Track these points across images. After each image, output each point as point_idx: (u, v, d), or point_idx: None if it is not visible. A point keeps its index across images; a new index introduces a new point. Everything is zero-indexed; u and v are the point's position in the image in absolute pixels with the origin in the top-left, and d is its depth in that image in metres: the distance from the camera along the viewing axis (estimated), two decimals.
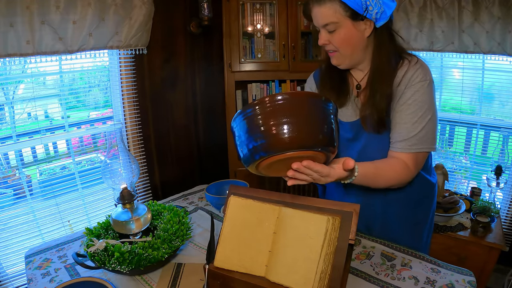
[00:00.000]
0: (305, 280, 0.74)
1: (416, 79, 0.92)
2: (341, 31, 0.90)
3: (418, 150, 0.94)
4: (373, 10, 0.88)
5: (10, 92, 1.91)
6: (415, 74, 0.92)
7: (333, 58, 0.97)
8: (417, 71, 0.93)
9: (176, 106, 2.24)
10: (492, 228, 1.77)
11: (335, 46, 0.93)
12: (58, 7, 1.53)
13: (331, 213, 0.79)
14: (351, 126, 1.05)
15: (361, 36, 0.93)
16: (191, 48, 2.24)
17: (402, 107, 0.94)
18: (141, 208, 1.05)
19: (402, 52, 0.98)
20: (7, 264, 1.69)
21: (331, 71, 1.06)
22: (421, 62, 0.95)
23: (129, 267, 0.91)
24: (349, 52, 0.94)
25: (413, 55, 0.98)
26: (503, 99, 2.16)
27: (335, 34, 0.91)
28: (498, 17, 1.86)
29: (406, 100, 0.93)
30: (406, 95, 0.93)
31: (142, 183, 2.14)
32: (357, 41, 0.93)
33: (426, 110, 0.92)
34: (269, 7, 2.26)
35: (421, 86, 0.92)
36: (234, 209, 0.88)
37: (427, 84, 0.92)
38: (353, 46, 0.93)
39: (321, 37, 0.93)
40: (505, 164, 2.05)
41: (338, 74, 1.06)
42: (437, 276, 0.93)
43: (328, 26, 0.90)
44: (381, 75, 0.94)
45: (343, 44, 0.92)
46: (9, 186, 1.76)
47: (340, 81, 1.06)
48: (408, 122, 0.93)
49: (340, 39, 0.91)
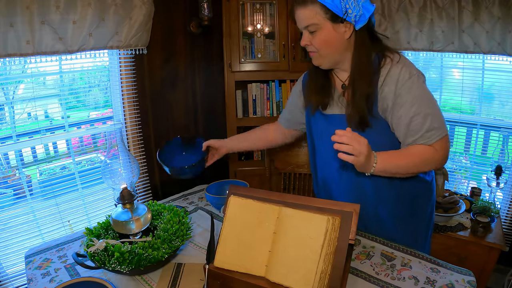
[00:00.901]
0: (305, 280, 0.74)
1: (405, 77, 0.94)
2: (321, 32, 0.95)
3: (436, 138, 0.96)
4: (352, 13, 0.93)
5: (10, 92, 1.91)
6: (401, 73, 0.94)
7: (313, 58, 1.03)
8: (402, 70, 0.95)
9: (176, 106, 2.24)
10: (492, 228, 1.77)
11: (316, 47, 0.98)
12: (58, 7, 1.53)
13: (331, 213, 0.79)
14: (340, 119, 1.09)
15: (340, 38, 0.97)
16: (191, 48, 2.23)
17: (404, 107, 0.95)
18: (141, 208, 1.05)
19: (385, 51, 1.00)
20: (7, 264, 1.69)
21: (316, 73, 1.11)
22: (404, 60, 0.98)
23: (129, 267, 0.91)
24: (328, 53, 0.99)
25: (396, 52, 1.00)
26: (503, 99, 2.16)
27: (316, 36, 0.96)
28: (498, 17, 1.86)
29: (405, 100, 0.95)
30: (402, 97, 0.95)
31: (142, 183, 2.14)
32: (337, 43, 0.97)
33: (427, 100, 0.96)
34: (269, 7, 2.26)
35: (412, 82, 0.94)
36: (234, 209, 0.88)
37: (416, 79, 0.95)
38: (333, 47, 0.98)
39: (303, 38, 0.98)
40: (505, 164, 2.05)
41: (323, 76, 1.11)
42: (437, 276, 0.93)
43: (309, 27, 0.95)
44: (361, 75, 0.98)
45: (323, 45, 0.97)
46: (9, 186, 1.76)
47: (324, 82, 1.12)
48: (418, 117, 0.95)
49: (321, 40, 0.96)
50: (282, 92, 2.36)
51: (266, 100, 2.38)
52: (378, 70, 0.97)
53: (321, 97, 1.12)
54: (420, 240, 1.14)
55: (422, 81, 0.96)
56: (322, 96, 1.12)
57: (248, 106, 2.37)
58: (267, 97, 2.37)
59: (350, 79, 1.02)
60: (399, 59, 0.97)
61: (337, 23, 0.94)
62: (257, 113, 2.39)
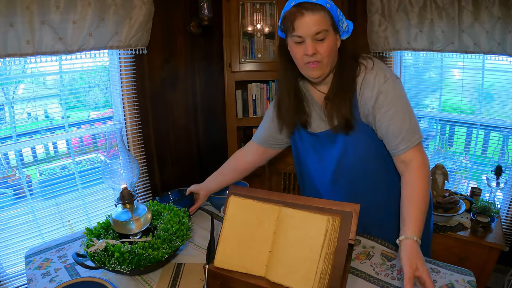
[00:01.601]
0: (305, 280, 0.74)
1: (380, 81, 0.95)
2: (329, 39, 0.94)
3: (418, 140, 0.97)
4: (343, 24, 0.96)
5: (10, 92, 1.91)
6: (376, 79, 0.96)
7: (315, 70, 0.97)
8: (377, 75, 0.96)
9: (176, 106, 2.24)
10: (492, 228, 1.77)
11: (322, 55, 0.94)
12: (58, 7, 1.53)
13: (331, 213, 0.79)
14: (326, 135, 1.09)
15: (337, 47, 0.98)
16: (191, 48, 2.23)
17: (382, 110, 0.96)
18: (141, 208, 1.05)
19: (359, 58, 1.01)
20: (7, 264, 1.69)
21: (288, 91, 1.08)
22: (377, 65, 0.99)
23: (129, 267, 0.91)
24: (330, 62, 0.97)
25: (369, 58, 1.01)
26: (503, 99, 2.16)
27: (324, 43, 0.93)
28: (498, 17, 1.86)
29: (382, 104, 0.96)
30: (379, 101, 0.96)
31: (142, 183, 2.14)
32: (336, 52, 0.98)
33: (404, 103, 0.97)
34: (269, 7, 2.26)
35: (387, 86, 0.95)
36: (234, 209, 0.88)
37: (392, 82, 0.96)
38: (333, 56, 0.97)
39: (310, 47, 0.92)
40: (505, 164, 2.04)
41: (296, 93, 1.09)
42: (437, 276, 0.93)
43: (318, 35, 0.92)
44: (344, 83, 0.99)
45: (330, 53, 0.95)
46: (9, 186, 1.76)
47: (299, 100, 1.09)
48: (395, 120, 0.96)
49: (328, 48, 0.94)
50: None
51: (266, 100, 2.38)
52: (354, 80, 0.99)
53: (298, 113, 1.10)
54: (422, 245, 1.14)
55: (397, 84, 0.97)
56: (299, 113, 1.10)
57: (248, 106, 2.37)
58: (267, 97, 2.37)
59: (334, 88, 1.02)
60: (372, 65, 0.98)
61: (336, 32, 0.95)
62: (257, 113, 2.39)
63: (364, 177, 1.09)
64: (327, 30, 0.92)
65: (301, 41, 0.94)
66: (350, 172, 1.09)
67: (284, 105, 1.10)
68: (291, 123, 1.13)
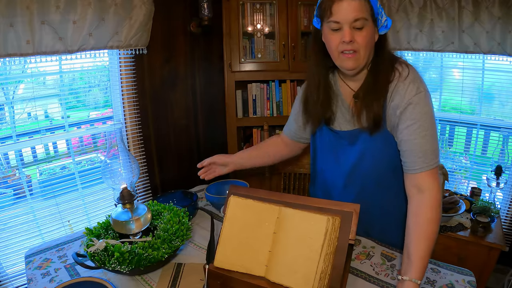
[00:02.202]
0: (305, 280, 0.74)
1: (412, 93, 0.91)
2: (367, 29, 0.89)
3: (436, 164, 0.91)
4: (382, 18, 0.91)
5: (10, 92, 1.91)
6: (408, 89, 0.91)
7: (350, 60, 0.92)
8: (409, 87, 0.91)
9: (176, 106, 2.24)
10: (492, 228, 1.77)
11: (359, 44, 0.89)
12: (58, 7, 1.53)
13: (331, 213, 0.79)
14: (348, 135, 1.06)
15: (374, 40, 0.93)
16: (191, 48, 2.23)
17: (406, 123, 0.92)
18: (141, 208, 1.05)
19: (395, 62, 0.97)
20: (7, 264, 1.69)
21: (319, 82, 1.04)
22: (412, 75, 0.93)
23: (129, 267, 0.91)
24: (366, 54, 0.92)
25: (405, 64, 0.96)
26: (503, 99, 2.16)
27: (362, 32, 0.89)
28: (498, 17, 1.86)
29: (409, 116, 0.91)
30: (406, 112, 0.91)
31: (142, 183, 2.14)
32: (373, 43, 0.93)
33: (431, 122, 0.92)
34: (269, 7, 2.26)
35: (418, 98, 0.91)
36: (234, 209, 0.88)
37: (424, 96, 0.91)
38: (370, 48, 0.92)
39: (347, 34, 0.88)
40: (505, 164, 2.05)
41: (327, 86, 1.05)
42: (437, 276, 0.93)
43: (357, 22, 0.87)
44: (379, 82, 0.95)
45: (367, 43, 0.90)
46: (9, 186, 1.76)
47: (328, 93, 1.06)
48: (417, 137, 0.91)
49: (366, 38, 0.89)
50: (282, 92, 2.36)
51: (266, 100, 2.38)
52: (388, 82, 0.94)
53: (323, 110, 1.06)
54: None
55: (428, 99, 0.92)
56: (325, 110, 1.06)
57: (248, 106, 2.37)
58: (267, 97, 2.37)
59: (365, 86, 0.98)
60: (407, 73, 0.93)
61: (374, 24, 0.91)
62: (257, 113, 2.39)
63: (376, 185, 1.07)
64: (366, 19, 0.87)
65: (338, 28, 0.89)
66: (364, 178, 1.07)
67: (312, 98, 1.07)
68: (317, 118, 1.09)
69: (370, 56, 0.95)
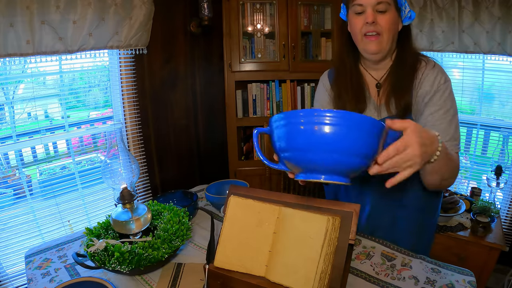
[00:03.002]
0: (305, 280, 0.74)
1: (441, 81, 0.94)
2: (390, 13, 0.91)
3: (456, 150, 0.93)
4: (406, 9, 0.94)
5: (10, 92, 1.91)
6: (437, 77, 0.95)
7: (373, 43, 0.94)
8: (438, 74, 0.95)
9: (176, 106, 2.24)
10: (492, 228, 1.77)
11: (382, 27, 0.91)
12: (58, 7, 1.53)
13: (331, 213, 0.79)
14: None
15: (397, 28, 0.95)
16: (191, 48, 2.24)
17: (434, 108, 0.94)
18: (141, 208, 1.05)
19: (418, 55, 1.00)
20: (7, 264, 1.69)
21: (350, 71, 1.04)
22: (438, 65, 0.98)
23: (129, 267, 0.91)
24: (389, 39, 0.94)
25: (428, 57, 1.00)
26: (503, 99, 2.16)
27: (385, 16, 0.91)
28: (498, 17, 1.86)
29: (436, 102, 0.94)
30: (435, 98, 0.94)
31: (142, 183, 2.14)
32: (395, 31, 0.95)
33: (454, 109, 0.95)
34: (269, 7, 2.26)
35: (446, 87, 0.94)
36: (234, 209, 0.88)
37: (450, 86, 0.95)
38: (393, 33, 0.94)
39: (369, 15, 0.90)
40: (505, 164, 2.05)
41: (356, 75, 1.05)
42: (437, 276, 0.93)
43: (380, 5, 0.90)
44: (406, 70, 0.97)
45: (389, 27, 0.92)
46: (9, 186, 1.76)
47: (359, 82, 1.05)
48: (443, 121, 0.93)
49: (389, 21, 0.91)
50: (282, 92, 2.36)
51: (266, 100, 2.38)
52: (415, 70, 0.97)
53: (357, 100, 1.03)
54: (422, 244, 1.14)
55: (451, 88, 0.96)
56: (359, 100, 1.03)
57: (248, 106, 2.37)
58: (267, 97, 2.37)
59: (391, 75, 0.99)
60: (434, 64, 0.97)
61: (397, 12, 0.93)
62: (257, 113, 2.39)
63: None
64: (389, 4, 0.90)
65: (362, 11, 0.92)
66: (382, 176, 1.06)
67: (345, 89, 1.04)
68: (351, 109, 1.04)
69: (393, 44, 0.97)
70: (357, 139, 0.57)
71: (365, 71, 1.06)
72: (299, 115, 0.58)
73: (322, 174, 0.61)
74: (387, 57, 1.00)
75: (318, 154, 0.58)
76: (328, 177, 0.61)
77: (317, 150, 0.58)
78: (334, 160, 0.58)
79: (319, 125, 0.56)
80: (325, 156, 0.58)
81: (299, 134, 0.59)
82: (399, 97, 0.97)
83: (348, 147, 0.57)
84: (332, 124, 0.56)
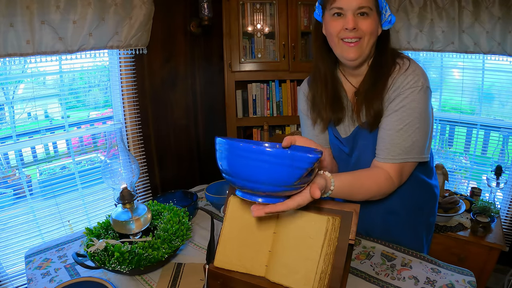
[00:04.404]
0: (305, 280, 0.74)
1: (406, 85, 0.87)
2: (371, 18, 0.86)
3: (402, 160, 0.89)
4: (386, 12, 0.89)
5: (10, 92, 1.91)
6: (405, 81, 0.88)
7: (353, 49, 0.88)
8: (407, 78, 0.88)
9: (176, 106, 2.24)
10: (492, 228, 1.77)
11: (363, 31, 0.86)
12: (58, 7, 1.53)
13: (331, 213, 0.79)
14: (347, 141, 1.04)
15: (377, 31, 0.90)
16: (191, 48, 2.24)
17: (388, 113, 0.90)
18: (141, 208, 1.05)
19: (396, 57, 0.94)
20: (7, 264, 1.69)
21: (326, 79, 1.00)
22: (413, 68, 0.89)
23: (129, 267, 0.91)
24: (369, 44, 0.89)
25: (407, 58, 0.93)
26: (503, 99, 2.16)
27: (366, 20, 0.86)
28: (498, 17, 1.86)
29: (393, 107, 0.89)
30: (394, 102, 0.89)
31: (142, 183, 2.14)
32: (375, 36, 0.90)
33: (415, 119, 0.87)
34: (269, 7, 2.26)
35: (411, 93, 0.86)
36: (234, 209, 0.88)
37: (418, 91, 0.86)
38: (373, 38, 0.89)
39: (350, 20, 0.85)
40: (505, 164, 2.05)
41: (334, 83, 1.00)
42: (437, 276, 0.93)
43: (362, 9, 0.85)
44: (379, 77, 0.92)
45: (371, 32, 0.87)
46: (9, 186, 1.76)
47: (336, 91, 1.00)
48: (392, 129, 0.89)
49: (371, 26, 0.86)
50: (282, 92, 2.36)
51: (266, 100, 2.38)
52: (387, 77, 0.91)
53: (333, 110, 1.00)
54: (421, 244, 1.14)
55: (422, 95, 0.87)
56: (336, 110, 1.00)
57: (248, 106, 2.37)
58: (267, 97, 2.38)
59: (366, 81, 0.94)
60: (407, 67, 0.89)
61: (378, 16, 0.88)
62: (257, 113, 2.39)
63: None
64: (371, 9, 0.85)
65: (340, 13, 0.87)
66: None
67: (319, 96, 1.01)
68: (327, 118, 1.02)
69: (372, 49, 0.92)
70: (281, 173, 0.60)
71: (344, 78, 1.01)
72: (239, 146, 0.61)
73: (259, 197, 0.65)
74: (365, 63, 0.95)
75: (252, 183, 0.62)
76: (265, 200, 0.65)
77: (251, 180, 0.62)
78: (266, 189, 0.62)
79: (250, 160, 0.60)
80: (257, 186, 0.62)
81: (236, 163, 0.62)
82: (368, 105, 0.92)
83: (275, 181, 0.61)
84: (260, 160, 0.60)
